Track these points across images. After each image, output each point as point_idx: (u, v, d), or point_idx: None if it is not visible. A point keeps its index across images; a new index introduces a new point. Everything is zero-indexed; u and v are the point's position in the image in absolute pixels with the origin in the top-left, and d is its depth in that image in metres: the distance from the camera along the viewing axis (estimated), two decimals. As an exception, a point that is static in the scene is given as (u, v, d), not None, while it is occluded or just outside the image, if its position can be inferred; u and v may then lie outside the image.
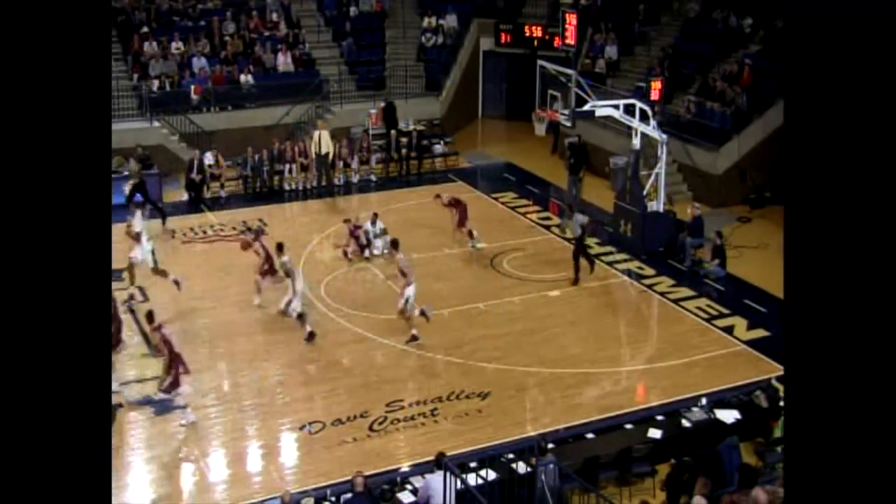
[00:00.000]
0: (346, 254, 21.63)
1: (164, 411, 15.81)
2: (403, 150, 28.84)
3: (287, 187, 27.05)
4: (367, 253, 21.81)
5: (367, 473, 13.34)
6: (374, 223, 22.04)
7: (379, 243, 21.84)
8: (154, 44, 31.00)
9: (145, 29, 31.43)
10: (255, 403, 16.15)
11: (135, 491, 13.95)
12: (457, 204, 22.37)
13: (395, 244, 18.69)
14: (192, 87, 29.38)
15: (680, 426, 14.93)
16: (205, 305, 19.50)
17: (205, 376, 16.90)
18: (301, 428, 15.32)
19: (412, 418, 15.50)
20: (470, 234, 22.30)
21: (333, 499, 13.39)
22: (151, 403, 16.00)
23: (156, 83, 29.73)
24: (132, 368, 17.23)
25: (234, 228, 23.71)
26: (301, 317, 18.17)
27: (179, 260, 21.83)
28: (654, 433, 14.71)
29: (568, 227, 20.83)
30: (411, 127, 29.74)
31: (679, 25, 31.26)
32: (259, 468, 14.64)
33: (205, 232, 23.71)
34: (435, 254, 22.22)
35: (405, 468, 14.20)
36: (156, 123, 28.44)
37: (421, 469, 13.73)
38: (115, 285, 18.97)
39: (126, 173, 24.95)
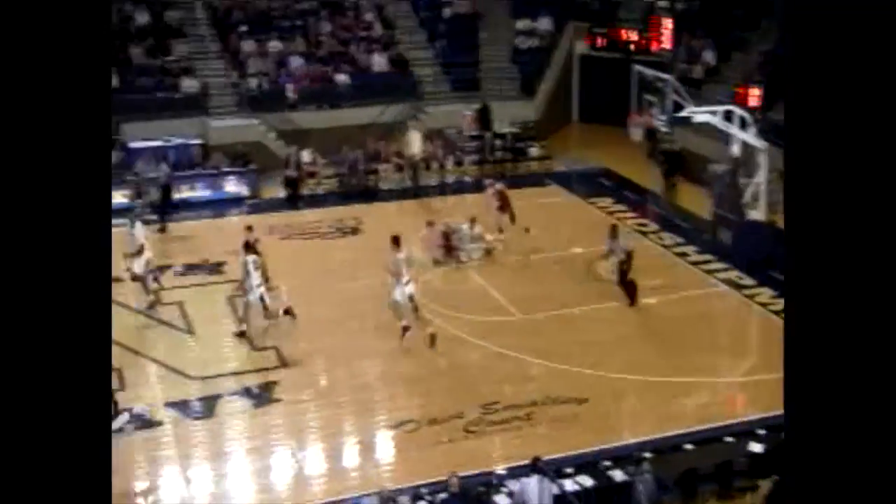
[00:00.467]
0: (436, 262, 21.64)
1: (264, 403, 16.05)
2: (498, 153, 28.89)
3: (383, 187, 27.28)
4: (462, 256, 21.78)
5: (462, 475, 13.32)
6: (472, 226, 22.01)
7: (472, 247, 21.81)
8: (252, 42, 31.54)
9: (244, 28, 31.96)
10: (351, 400, 16.29)
11: (234, 481, 14.18)
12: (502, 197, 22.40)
13: (396, 239, 18.20)
14: (289, 85, 29.86)
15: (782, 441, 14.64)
16: (301, 301, 19.66)
17: (301, 371, 17.12)
18: (397, 426, 15.39)
19: (507, 421, 15.45)
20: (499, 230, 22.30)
21: (429, 498, 13.42)
22: (251, 395, 16.26)
23: (254, 81, 30.24)
24: (233, 361, 17.57)
25: (329, 226, 24.02)
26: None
27: (277, 256, 22.09)
28: (755, 447, 14.44)
29: (613, 251, 19.97)
30: (506, 129, 29.73)
31: (779, 30, 30.67)
32: (355, 464, 14.78)
33: (302, 229, 24.01)
34: (530, 257, 22.14)
35: (500, 471, 14.16)
36: (254, 121, 28.89)
37: (516, 472, 13.67)
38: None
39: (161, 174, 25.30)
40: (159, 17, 31.93)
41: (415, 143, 27.20)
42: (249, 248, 18.74)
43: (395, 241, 18.02)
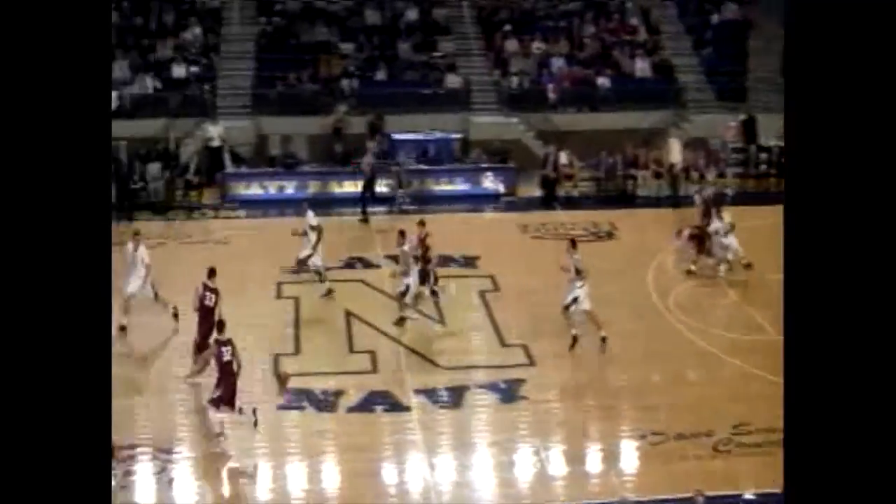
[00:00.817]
0: (689, 272, 21.12)
1: (510, 399, 16.14)
2: (762, 167, 27.88)
3: (640, 193, 26.96)
4: (721, 269, 21.10)
5: (708, 494, 12.84)
6: (720, 218, 21.20)
7: (728, 241, 20.98)
8: (515, 42, 31.89)
9: (508, 27, 32.35)
10: (597, 405, 16.13)
11: (476, 473, 14.31)
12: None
13: (573, 242, 17.93)
14: (550, 86, 30.03)
15: None
16: (549, 300, 19.60)
17: (549, 371, 17.11)
18: (642, 437, 15.08)
19: (759, 445, 14.78)
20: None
21: (673, 514, 13.08)
22: (497, 390, 16.38)
23: (515, 80, 30.59)
24: (482, 354, 17.87)
25: (584, 229, 23.92)
26: None
27: (527, 253, 22.27)
28: None
29: None
30: (772, 143, 28.56)
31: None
32: (598, 470, 14.59)
33: (556, 229, 24.07)
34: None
35: (749, 496, 13.57)
36: (513, 119, 29.21)
37: (767, 500, 13.06)
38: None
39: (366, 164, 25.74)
40: (427, 14, 32.85)
41: (675, 152, 26.71)
42: (421, 242, 18.88)
43: (573, 243, 17.93)
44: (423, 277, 18.62)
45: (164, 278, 18.71)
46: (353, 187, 26.21)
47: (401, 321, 18.55)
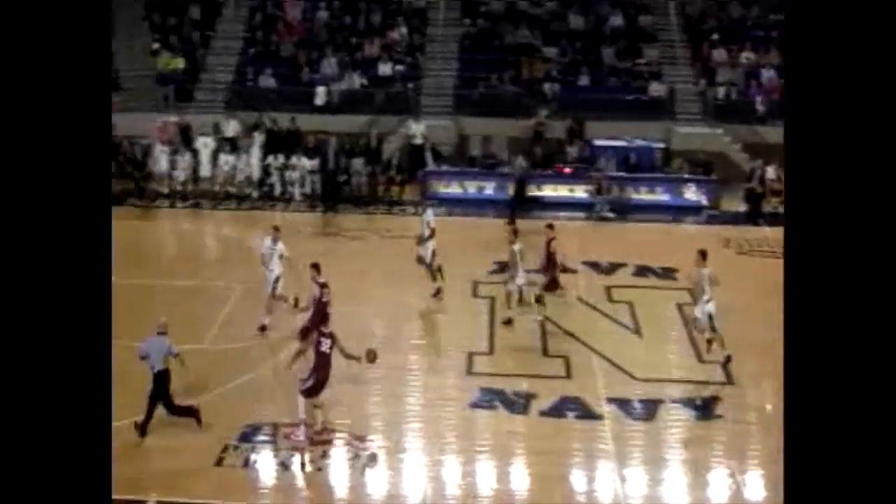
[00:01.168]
0: None
1: (706, 417, 15.72)
2: None
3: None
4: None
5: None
6: None
7: None
8: (723, 51, 31.11)
9: (715, 36, 31.62)
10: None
11: (668, 489, 13.96)
12: None
13: (703, 254, 17.18)
14: (759, 97, 29.19)
15: None
16: (749, 319, 18.95)
17: (747, 391, 16.75)
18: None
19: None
20: None
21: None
22: (693, 406, 15.99)
23: (721, 90, 29.84)
24: (678, 368, 17.49)
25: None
26: None
27: (729, 269, 21.56)
28: None
29: None
30: None
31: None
32: None
33: (760, 246, 23.30)
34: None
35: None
36: (718, 130, 28.52)
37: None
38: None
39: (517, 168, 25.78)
40: (633, 20, 32.47)
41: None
42: (546, 245, 18.80)
43: (703, 255, 17.29)
44: (551, 283, 18.74)
45: (366, 269, 19.21)
46: (551, 191, 26.21)
47: (539, 299, 18.75)
